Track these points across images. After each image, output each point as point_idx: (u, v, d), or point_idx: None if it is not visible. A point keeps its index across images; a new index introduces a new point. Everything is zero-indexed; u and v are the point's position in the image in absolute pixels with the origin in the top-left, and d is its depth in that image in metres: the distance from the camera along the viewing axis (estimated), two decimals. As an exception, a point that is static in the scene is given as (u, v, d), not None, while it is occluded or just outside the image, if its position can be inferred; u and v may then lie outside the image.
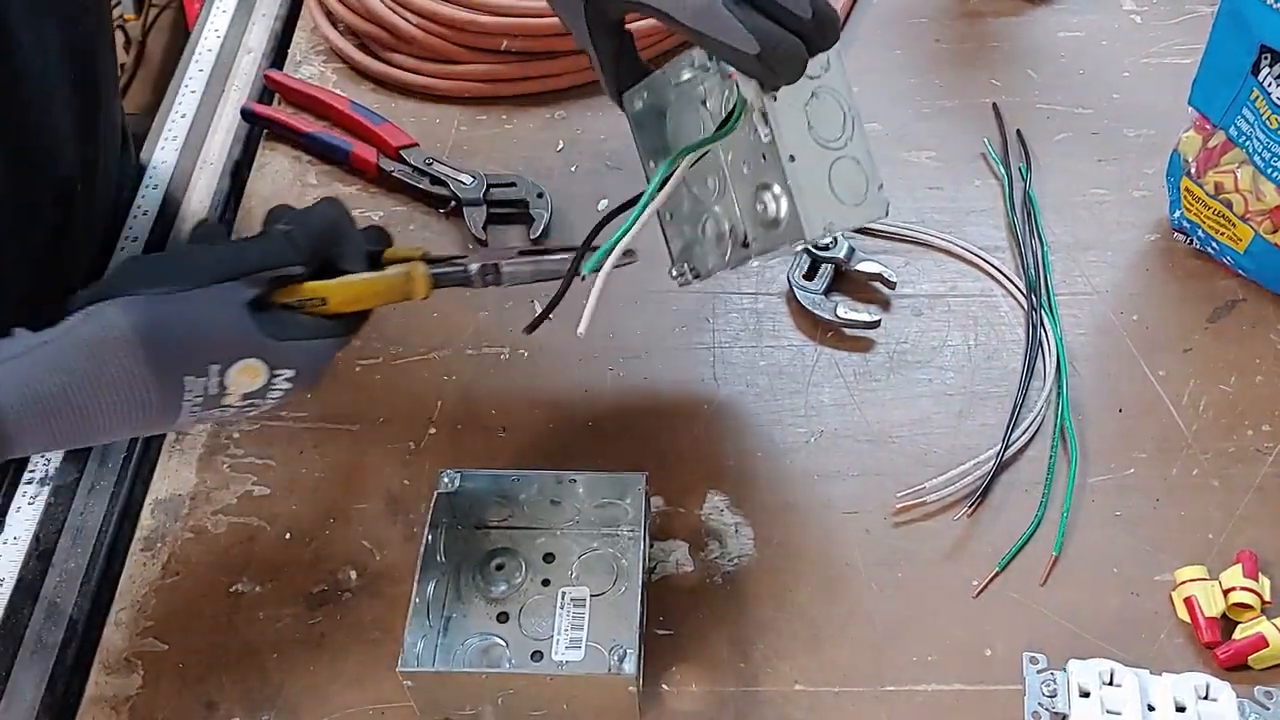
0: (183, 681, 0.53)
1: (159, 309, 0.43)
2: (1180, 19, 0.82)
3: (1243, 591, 0.52)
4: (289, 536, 0.58)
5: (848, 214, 0.50)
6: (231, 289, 0.45)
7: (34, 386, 0.42)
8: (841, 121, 0.50)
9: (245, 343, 0.45)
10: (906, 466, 0.59)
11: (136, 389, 0.43)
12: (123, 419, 0.44)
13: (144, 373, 0.43)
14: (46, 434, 0.43)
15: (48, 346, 0.42)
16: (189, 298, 0.44)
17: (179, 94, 0.81)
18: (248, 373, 0.45)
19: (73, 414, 0.43)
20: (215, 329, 0.45)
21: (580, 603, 0.54)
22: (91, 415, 0.43)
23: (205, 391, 0.45)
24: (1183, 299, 0.66)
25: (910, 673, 0.52)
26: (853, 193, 0.50)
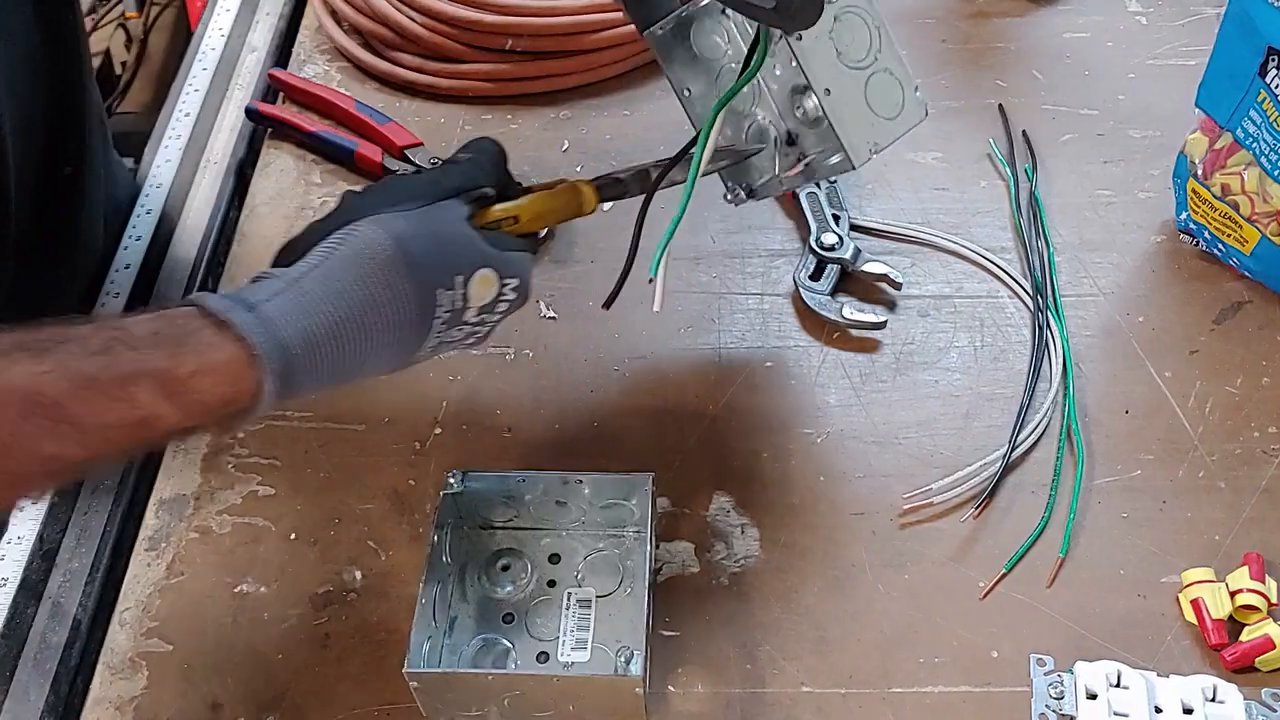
0: (188, 682, 0.53)
1: (409, 223, 0.44)
2: (1185, 20, 0.82)
3: (1250, 594, 0.52)
4: (294, 537, 0.58)
5: (890, 128, 0.50)
6: (454, 205, 0.47)
7: (310, 317, 0.42)
8: (869, 37, 0.50)
9: (478, 252, 0.47)
10: (913, 468, 0.59)
11: (400, 305, 0.44)
12: (388, 342, 0.44)
13: (406, 287, 0.44)
14: (327, 367, 0.42)
15: (315, 272, 0.42)
16: (427, 213, 0.45)
17: (182, 93, 0.81)
18: (484, 283, 0.47)
19: (347, 341, 0.42)
20: (454, 240, 0.46)
21: (586, 604, 0.54)
22: (364, 338, 0.43)
23: (452, 305, 0.46)
24: (1189, 301, 0.66)
25: (917, 674, 0.52)
26: (891, 104, 0.50)
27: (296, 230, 0.70)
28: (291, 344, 0.41)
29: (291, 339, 0.41)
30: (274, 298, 0.42)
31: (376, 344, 0.44)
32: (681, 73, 0.58)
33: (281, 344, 0.41)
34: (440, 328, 0.46)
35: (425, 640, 0.50)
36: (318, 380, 0.43)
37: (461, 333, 0.48)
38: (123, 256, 0.71)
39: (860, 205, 0.71)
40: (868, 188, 0.72)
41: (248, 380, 0.41)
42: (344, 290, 0.43)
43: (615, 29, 0.78)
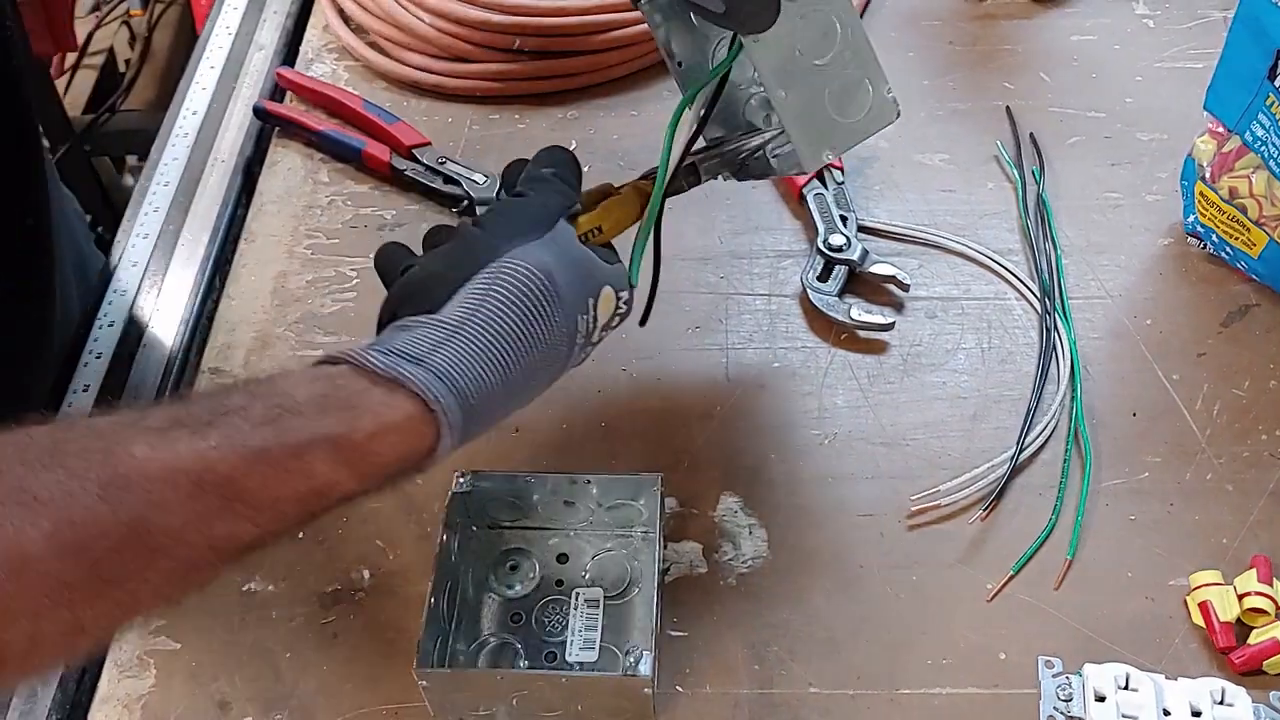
0: (195, 681, 0.53)
1: (549, 253, 0.44)
2: (1192, 23, 0.82)
3: (1258, 597, 0.52)
4: (301, 536, 0.58)
5: (851, 130, 0.49)
6: (567, 227, 0.46)
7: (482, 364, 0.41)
8: (836, 37, 0.48)
9: (601, 272, 0.46)
10: (920, 469, 0.59)
11: (555, 338, 0.43)
12: (545, 375, 0.44)
13: (559, 319, 0.43)
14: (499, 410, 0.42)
15: (478, 316, 0.41)
16: (554, 239, 0.45)
17: (190, 91, 0.81)
18: (607, 301, 0.47)
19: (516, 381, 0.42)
20: (583, 264, 0.46)
21: (594, 604, 0.54)
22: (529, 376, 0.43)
23: (586, 329, 0.46)
24: (1196, 304, 0.66)
25: (925, 676, 0.52)
26: (856, 106, 0.49)
27: (305, 229, 0.72)
28: (468, 395, 0.40)
29: (467, 389, 0.40)
30: (439, 348, 0.40)
31: (537, 379, 0.44)
32: (674, 41, 0.56)
33: (459, 395, 0.40)
34: (578, 353, 0.46)
35: (434, 640, 0.51)
36: (489, 424, 0.42)
37: (585, 354, 0.48)
38: (130, 255, 0.71)
39: (868, 206, 0.71)
40: (875, 189, 0.72)
41: (426, 438, 0.40)
42: (509, 332, 0.41)
43: (623, 29, 0.78)
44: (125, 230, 0.73)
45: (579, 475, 0.55)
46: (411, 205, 0.73)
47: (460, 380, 0.40)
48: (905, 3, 0.85)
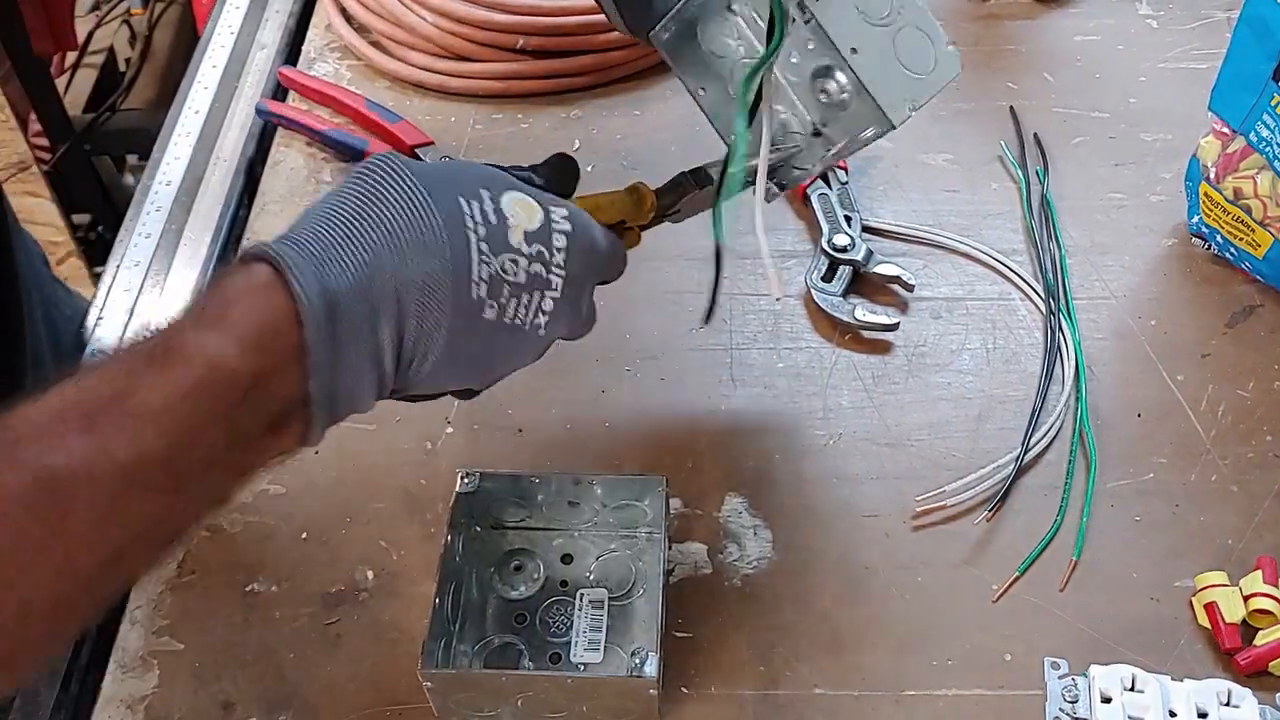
0: (199, 681, 0.53)
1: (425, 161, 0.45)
2: (1196, 24, 0.82)
3: (1263, 598, 0.52)
4: (305, 536, 0.58)
5: (925, 85, 0.49)
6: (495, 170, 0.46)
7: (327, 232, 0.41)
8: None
9: (506, 179, 0.45)
10: (925, 470, 0.59)
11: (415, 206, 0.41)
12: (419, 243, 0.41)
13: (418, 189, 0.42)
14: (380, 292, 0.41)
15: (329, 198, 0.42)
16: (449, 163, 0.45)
17: (192, 90, 0.81)
18: (521, 205, 0.44)
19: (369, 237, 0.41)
20: (475, 167, 0.45)
21: (598, 605, 0.54)
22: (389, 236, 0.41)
23: (485, 218, 0.43)
24: (1201, 304, 0.66)
25: (930, 677, 0.52)
26: (922, 60, 0.48)
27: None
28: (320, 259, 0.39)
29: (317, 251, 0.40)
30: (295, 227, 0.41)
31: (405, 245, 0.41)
32: (692, 74, 0.57)
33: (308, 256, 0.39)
34: (482, 246, 0.43)
35: (438, 641, 0.50)
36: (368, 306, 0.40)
37: (519, 268, 0.44)
38: (132, 254, 0.71)
39: (872, 207, 0.71)
40: (879, 189, 0.72)
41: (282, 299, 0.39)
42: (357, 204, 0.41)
43: (626, 29, 0.78)
44: (127, 230, 0.73)
45: (583, 476, 0.55)
46: (414, 205, 0.73)
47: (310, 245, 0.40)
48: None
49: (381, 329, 0.41)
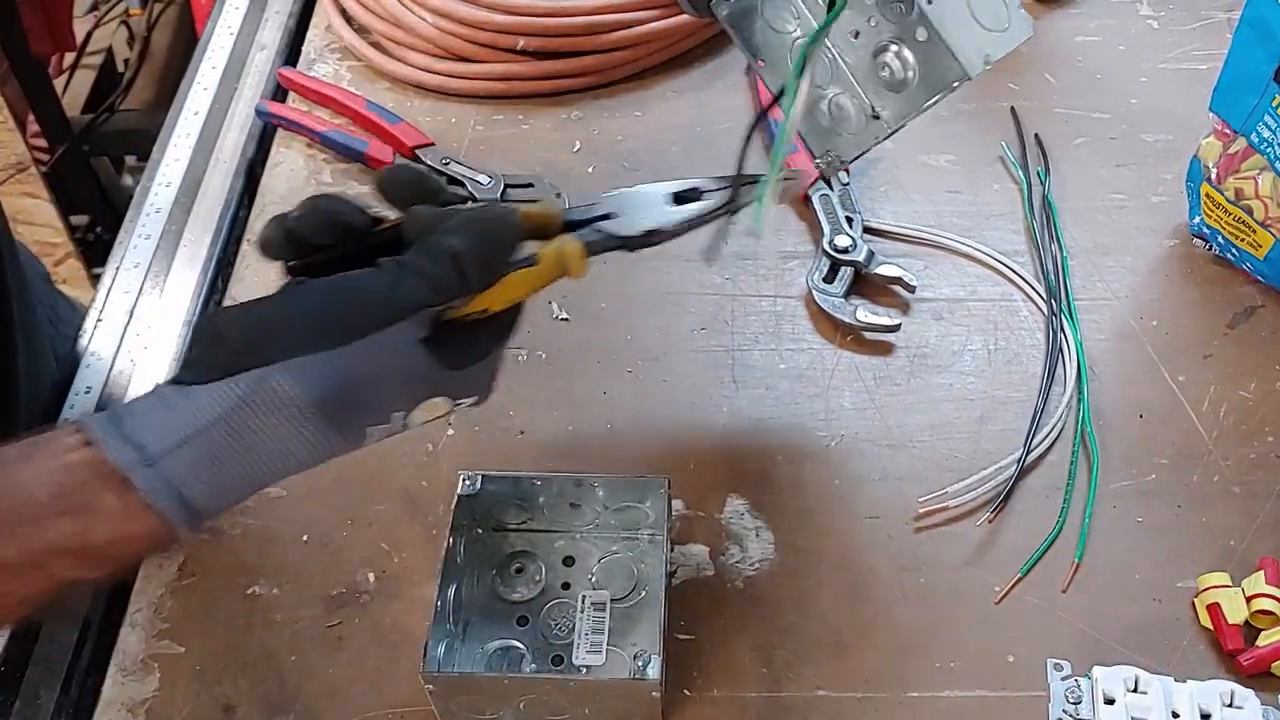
0: (200, 684, 0.53)
1: (331, 372, 0.40)
2: (1196, 24, 0.82)
3: (1266, 599, 0.52)
4: (306, 539, 0.58)
5: (1000, 40, 0.48)
6: (401, 330, 0.41)
7: (219, 475, 0.40)
8: None
9: (425, 384, 0.43)
10: (928, 471, 0.59)
11: (320, 449, 0.41)
12: (301, 469, 0.42)
13: (328, 436, 0.41)
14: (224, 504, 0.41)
15: (222, 424, 0.39)
16: (359, 352, 0.40)
17: (191, 91, 0.81)
18: (430, 410, 0.43)
19: (252, 483, 0.41)
20: (393, 380, 0.42)
21: (600, 607, 0.54)
22: (271, 478, 0.41)
23: (389, 432, 0.43)
24: (1202, 305, 0.66)
25: (933, 679, 0.52)
26: (995, 17, 0.48)
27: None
28: (202, 504, 0.40)
29: (198, 498, 0.40)
30: (179, 448, 0.39)
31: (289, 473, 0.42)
32: (753, 45, 0.54)
33: (191, 507, 0.40)
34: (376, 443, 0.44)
35: (440, 643, 0.50)
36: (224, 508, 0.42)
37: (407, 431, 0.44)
38: (132, 256, 0.71)
39: (873, 208, 0.71)
40: (881, 190, 0.72)
41: (160, 535, 0.40)
42: (257, 448, 0.40)
43: (627, 29, 0.78)
44: (127, 231, 0.72)
45: (585, 477, 0.54)
46: (415, 206, 0.73)
47: (193, 490, 0.40)
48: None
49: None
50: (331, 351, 0.40)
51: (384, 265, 0.41)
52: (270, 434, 0.40)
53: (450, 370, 0.43)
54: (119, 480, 0.39)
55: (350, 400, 0.41)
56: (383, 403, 0.42)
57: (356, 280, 0.41)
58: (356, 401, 0.41)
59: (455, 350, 0.43)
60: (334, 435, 0.41)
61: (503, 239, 0.43)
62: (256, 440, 0.40)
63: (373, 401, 0.42)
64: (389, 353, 0.41)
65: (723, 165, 0.74)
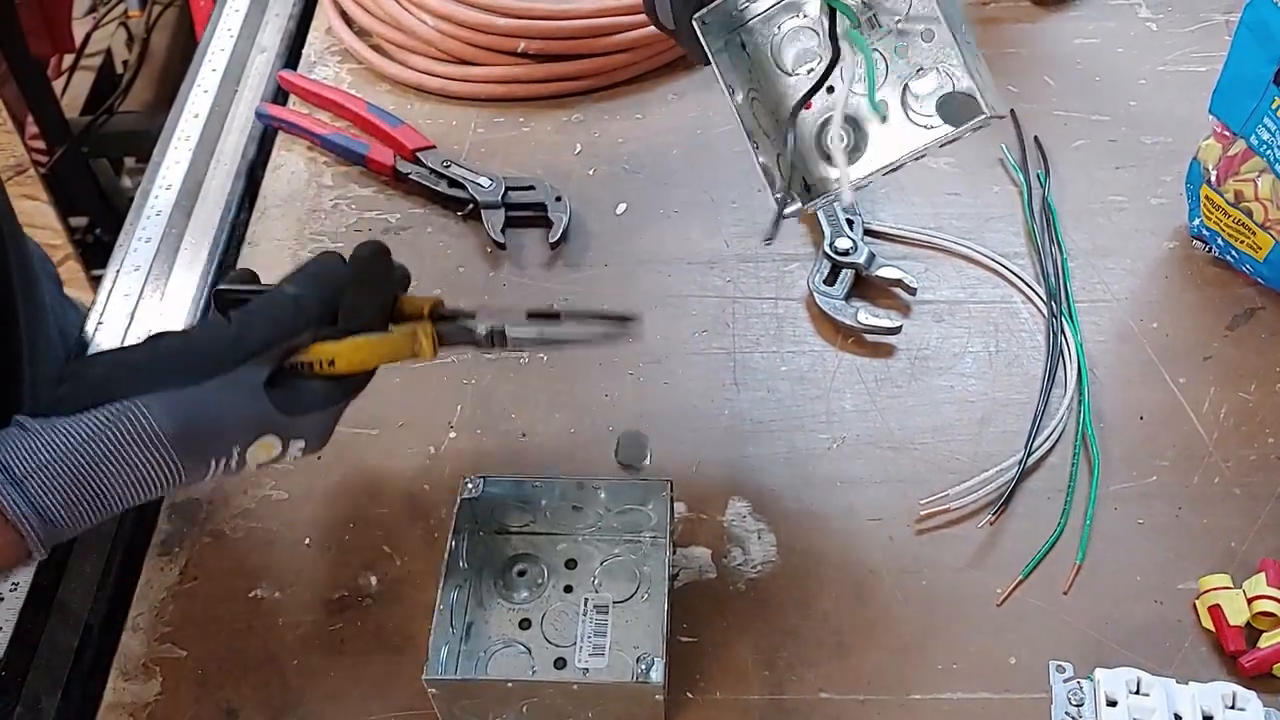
0: (202, 688, 0.53)
1: (186, 405, 0.45)
2: (1195, 27, 0.82)
3: (1267, 600, 0.52)
4: (308, 542, 0.58)
5: (997, 100, 0.48)
6: (249, 372, 0.46)
7: (74, 492, 0.43)
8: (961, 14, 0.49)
9: (263, 423, 0.47)
10: (929, 473, 0.59)
11: (168, 478, 0.45)
12: (148, 498, 0.46)
13: (176, 465, 0.45)
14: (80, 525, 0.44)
15: (85, 449, 0.43)
16: (210, 390, 0.45)
17: (191, 94, 0.81)
18: (264, 448, 0.47)
19: (106, 507, 0.44)
20: (236, 416, 0.46)
21: (603, 609, 0.54)
22: (122, 503, 0.45)
23: (227, 467, 0.47)
24: (1202, 307, 0.66)
25: (936, 681, 0.52)
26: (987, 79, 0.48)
27: (309, 232, 0.72)
28: (60, 521, 0.43)
29: (59, 516, 0.43)
30: (39, 472, 0.43)
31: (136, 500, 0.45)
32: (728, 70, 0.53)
33: (50, 524, 0.43)
34: (212, 479, 0.48)
35: (443, 647, 0.50)
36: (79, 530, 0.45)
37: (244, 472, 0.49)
38: (132, 259, 0.71)
39: (874, 210, 0.71)
40: (881, 193, 0.72)
41: (20, 551, 0.43)
42: (113, 473, 0.44)
43: (628, 33, 0.78)
44: (127, 234, 0.72)
45: (587, 480, 0.54)
46: (416, 209, 0.73)
47: (52, 509, 0.43)
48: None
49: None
50: (185, 389, 0.45)
51: (232, 315, 0.47)
52: (127, 460, 0.44)
53: (287, 414, 0.47)
54: None
55: (200, 433, 0.45)
56: (225, 438, 0.46)
57: (207, 326, 0.48)
58: (205, 434, 0.45)
59: (295, 396, 0.48)
60: (184, 464, 0.45)
61: (336, 283, 0.48)
62: (114, 466, 0.44)
63: (219, 435, 0.46)
64: (235, 392, 0.46)
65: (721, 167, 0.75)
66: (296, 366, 0.48)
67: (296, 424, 0.48)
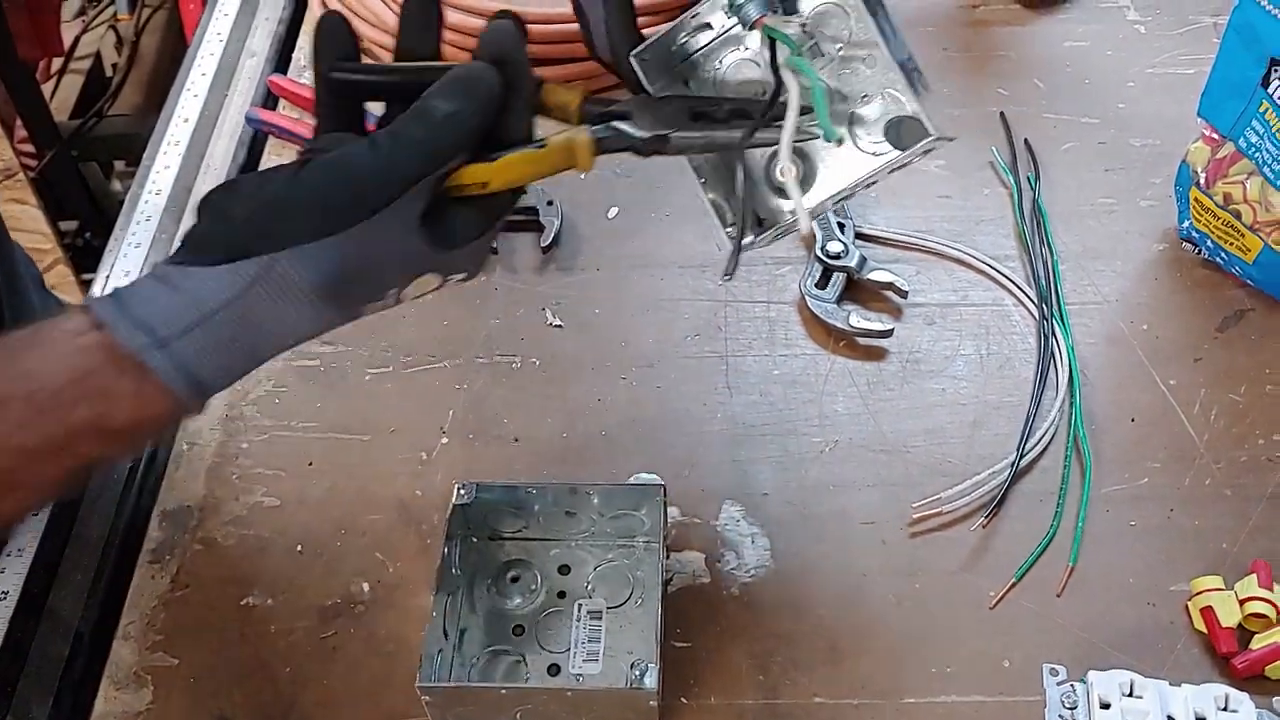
0: (194, 696, 0.53)
1: (336, 256, 0.41)
2: (1184, 29, 0.82)
3: (1259, 602, 0.52)
4: (300, 549, 0.57)
5: (943, 124, 0.47)
6: (402, 209, 0.41)
7: (228, 356, 0.41)
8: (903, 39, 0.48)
9: (420, 263, 0.43)
10: (922, 477, 0.59)
11: (320, 325, 0.43)
12: (299, 344, 0.43)
13: (329, 314, 0.42)
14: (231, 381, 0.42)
15: (231, 308, 0.40)
16: (364, 234, 0.41)
17: (181, 98, 0.80)
18: (422, 285, 0.44)
19: (256, 361, 0.42)
20: (391, 260, 0.42)
21: (596, 615, 0.54)
22: (273, 354, 0.43)
23: (383, 307, 0.44)
24: (1192, 309, 0.66)
25: (929, 684, 0.52)
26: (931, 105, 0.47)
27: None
28: (211, 383, 0.41)
29: (210, 378, 0.41)
30: (188, 332, 0.40)
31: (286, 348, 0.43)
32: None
33: (202, 387, 0.41)
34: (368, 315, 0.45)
35: (436, 653, 0.50)
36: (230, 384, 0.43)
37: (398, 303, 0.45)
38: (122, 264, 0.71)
39: (865, 213, 0.71)
40: (872, 196, 0.72)
41: (174, 414, 0.42)
42: (263, 329, 0.41)
43: (618, 36, 0.78)
44: (117, 239, 0.72)
45: (581, 485, 0.54)
46: (407, 213, 0.73)
47: (205, 372, 0.41)
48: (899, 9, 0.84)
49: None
50: (335, 236, 0.40)
51: (378, 138, 0.41)
52: (275, 316, 0.41)
53: (444, 249, 0.43)
54: (133, 363, 0.39)
55: (353, 282, 0.42)
56: (381, 281, 0.43)
57: (354, 157, 0.41)
58: (358, 283, 0.42)
59: (452, 229, 0.43)
60: (334, 313, 0.42)
61: (490, 98, 0.42)
62: (262, 322, 0.41)
63: (372, 281, 0.43)
64: (389, 234, 0.41)
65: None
66: (446, 191, 0.43)
67: (455, 258, 0.44)
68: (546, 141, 0.44)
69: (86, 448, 0.40)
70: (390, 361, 0.65)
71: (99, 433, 0.40)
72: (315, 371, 0.64)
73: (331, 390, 0.64)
